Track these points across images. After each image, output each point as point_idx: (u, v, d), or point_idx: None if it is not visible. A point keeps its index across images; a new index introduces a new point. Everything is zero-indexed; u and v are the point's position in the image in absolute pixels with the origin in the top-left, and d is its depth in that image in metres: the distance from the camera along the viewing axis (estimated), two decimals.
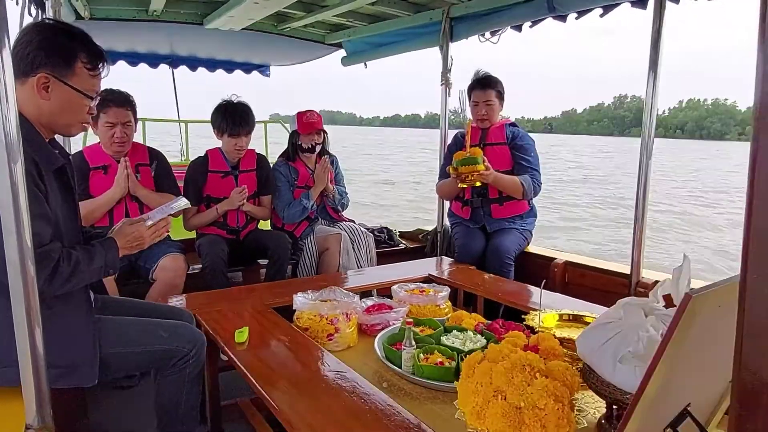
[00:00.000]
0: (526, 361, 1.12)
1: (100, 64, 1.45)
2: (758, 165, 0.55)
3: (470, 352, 1.44)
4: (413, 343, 1.59)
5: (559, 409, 1.04)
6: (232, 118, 2.79)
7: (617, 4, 2.41)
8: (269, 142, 5.26)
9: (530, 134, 3.03)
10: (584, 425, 1.22)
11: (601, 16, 2.54)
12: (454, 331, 1.77)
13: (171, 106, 5.35)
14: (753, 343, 0.57)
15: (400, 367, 1.57)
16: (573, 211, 13.11)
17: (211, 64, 4.51)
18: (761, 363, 0.56)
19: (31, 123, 1.37)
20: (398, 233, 3.70)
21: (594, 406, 1.38)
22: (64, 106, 1.40)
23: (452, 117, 3.34)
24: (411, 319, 1.73)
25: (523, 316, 1.80)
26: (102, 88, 1.56)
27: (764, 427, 0.57)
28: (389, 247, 3.50)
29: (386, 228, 3.65)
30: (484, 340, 1.68)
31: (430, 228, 3.58)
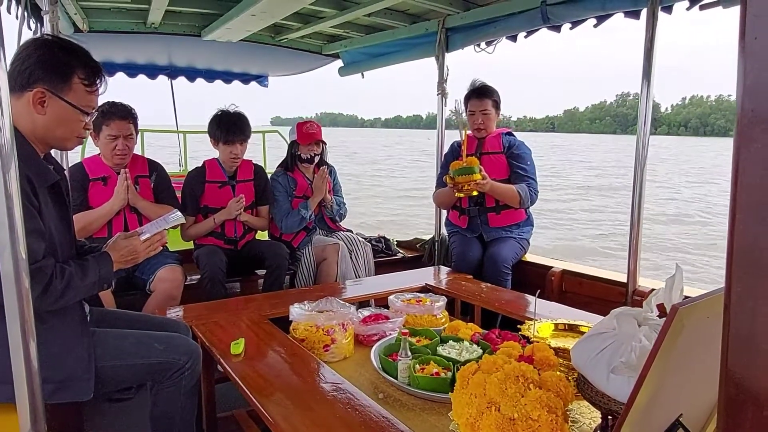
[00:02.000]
0: (519, 372, 1.12)
1: (98, 81, 1.46)
2: (740, 179, 0.56)
3: (466, 362, 1.44)
4: (409, 353, 1.59)
5: (552, 420, 1.04)
6: (227, 126, 2.82)
7: (610, 15, 2.43)
8: (267, 147, 5.30)
9: (533, 133, 3.06)
10: None
11: (595, 26, 2.56)
12: (451, 342, 1.77)
13: (171, 115, 5.42)
14: (737, 354, 0.58)
15: (396, 378, 1.56)
16: None
17: (210, 75, 4.54)
18: (746, 375, 0.57)
19: (26, 138, 1.38)
20: (396, 242, 3.71)
21: (590, 416, 1.37)
22: (59, 121, 1.41)
23: (453, 118, 3.31)
24: (407, 330, 1.73)
25: (518, 326, 1.80)
26: (104, 101, 1.56)
27: None
28: (387, 256, 3.50)
29: (384, 237, 3.66)
30: (480, 350, 1.68)
31: (427, 237, 3.58)
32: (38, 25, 2.63)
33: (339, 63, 4.14)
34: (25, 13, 2.36)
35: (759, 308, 0.55)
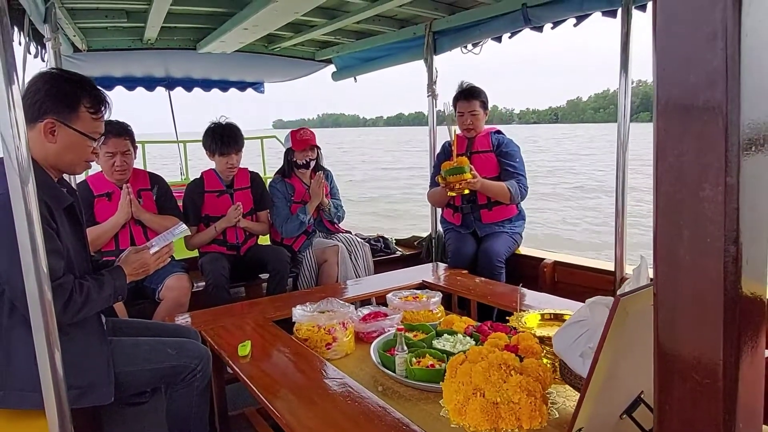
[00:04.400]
0: (502, 360, 1.22)
1: (102, 108, 1.58)
2: (659, 188, 0.66)
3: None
4: (405, 348, 1.70)
5: (531, 402, 1.14)
6: (221, 138, 2.93)
7: (588, 15, 2.52)
8: (268, 152, 5.42)
9: (537, 125, 3.14)
10: (556, 416, 1.32)
11: (575, 25, 2.66)
12: (445, 335, 1.88)
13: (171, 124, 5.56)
14: (665, 336, 0.68)
15: (394, 371, 1.67)
16: None
17: (206, 84, 4.63)
18: (671, 354, 0.67)
19: (40, 165, 1.49)
20: (394, 241, 3.81)
21: (574, 399, 1.48)
22: (69, 147, 1.53)
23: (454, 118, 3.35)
24: (403, 326, 1.83)
25: (507, 318, 1.90)
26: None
27: (679, 407, 0.67)
28: (386, 254, 3.60)
29: (382, 237, 3.77)
30: (473, 342, 1.78)
31: (424, 235, 3.69)
32: (39, 48, 2.74)
33: (332, 68, 4.24)
34: (27, 39, 2.47)
35: (678, 299, 0.66)
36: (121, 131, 2.60)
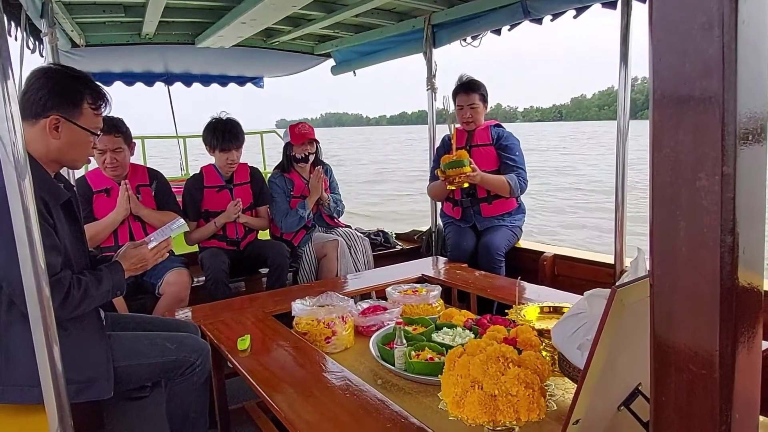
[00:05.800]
0: (500, 353, 1.22)
1: (103, 104, 1.58)
2: (655, 179, 0.65)
3: None
4: (404, 341, 1.70)
5: (529, 395, 1.14)
6: (222, 134, 2.92)
7: (588, 6, 2.51)
8: (269, 150, 5.42)
9: (541, 123, 3.13)
10: (555, 408, 1.32)
11: (575, 17, 2.64)
12: (445, 328, 1.88)
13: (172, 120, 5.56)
14: (662, 327, 0.68)
15: (393, 365, 1.67)
16: None
17: (206, 80, 4.63)
18: (668, 344, 0.67)
19: (38, 161, 1.49)
20: (394, 235, 3.81)
21: (573, 391, 1.48)
22: (72, 144, 1.54)
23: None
24: (402, 319, 1.83)
25: (505, 311, 1.90)
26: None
27: (675, 398, 0.67)
28: (386, 249, 3.60)
29: (382, 231, 3.76)
30: (473, 335, 1.78)
31: (424, 228, 3.69)
32: (37, 43, 2.73)
33: (331, 62, 4.23)
34: (24, 34, 2.46)
35: (674, 289, 0.65)
36: (111, 128, 2.55)
